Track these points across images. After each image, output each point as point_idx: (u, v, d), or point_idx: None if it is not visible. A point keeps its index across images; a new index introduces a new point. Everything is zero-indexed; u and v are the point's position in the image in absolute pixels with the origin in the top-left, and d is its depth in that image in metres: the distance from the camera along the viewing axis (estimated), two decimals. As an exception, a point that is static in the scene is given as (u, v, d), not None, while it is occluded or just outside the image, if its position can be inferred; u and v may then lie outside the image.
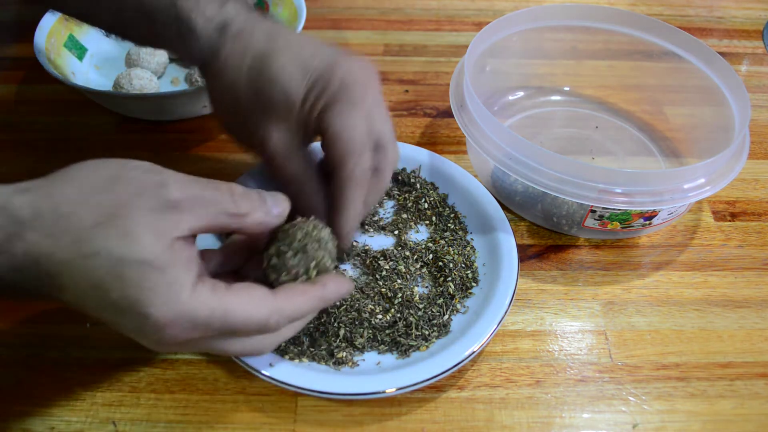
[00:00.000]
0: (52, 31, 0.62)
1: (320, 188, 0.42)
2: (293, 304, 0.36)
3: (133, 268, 0.30)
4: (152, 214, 0.32)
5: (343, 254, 0.42)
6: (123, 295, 0.31)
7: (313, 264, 0.38)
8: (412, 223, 0.51)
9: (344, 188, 0.40)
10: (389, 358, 0.43)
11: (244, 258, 0.40)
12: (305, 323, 0.39)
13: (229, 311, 0.33)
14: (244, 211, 0.35)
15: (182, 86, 0.65)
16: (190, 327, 0.32)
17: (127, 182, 0.32)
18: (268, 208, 0.36)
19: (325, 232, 0.39)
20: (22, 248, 0.30)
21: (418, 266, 0.48)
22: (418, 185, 0.53)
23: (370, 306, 0.45)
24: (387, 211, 0.52)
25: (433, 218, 0.51)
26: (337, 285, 0.38)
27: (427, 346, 0.43)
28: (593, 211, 0.49)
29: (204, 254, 0.36)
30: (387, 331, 0.44)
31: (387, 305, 0.45)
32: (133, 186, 0.32)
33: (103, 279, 0.30)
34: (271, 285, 0.37)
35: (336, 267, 0.42)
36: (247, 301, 0.34)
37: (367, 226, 0.51)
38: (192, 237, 0.34)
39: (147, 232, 0.31)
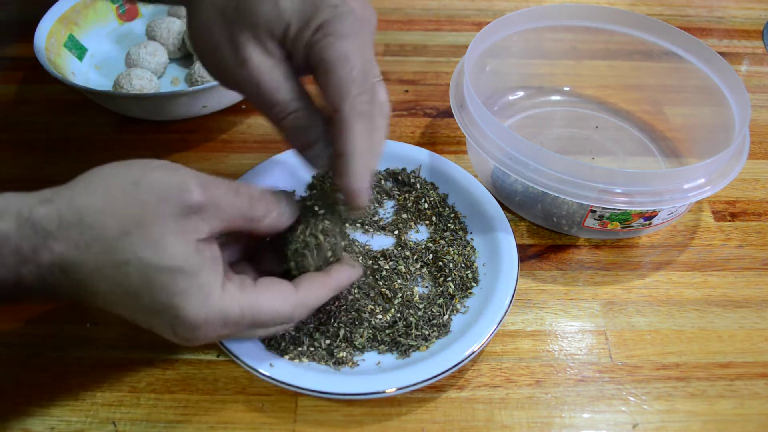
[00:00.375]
0: (52, 31, 0.62)
1: (318, 119, 0.36)
2: (314, 295, 0.38)
3: (163, 275, 0.31)
4: (176, 220, 0.32)
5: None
6: (156, 301, 0.32)
7: (329, 254, 0.40)
8: (412, 223, 0.51)
9: (348, 126, 0.34)
10: (389, 358, 0.43)
11: (257, 241, 0.41)
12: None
13: (257, 309, 0.34)
14: (259, 216, 0.36)
15: (182, 86, 0.65)
16: (221, 325, 0.34)
17: (149, 187, 0.32)
18: (281, 210, 0.37)
19: (330, 221, 0.40)
20: (48, 258, 0.31)
21: (418, 266, 0.48)
22: (418, 185, 0.53)
23: (370, 306, 0.45)
24: (387, 211, 0.52)
25: (433, 218, 0.51)
26: (348, 274, 0.40)
27: (427, 346, 0.43)
28: (593, 211, 0.49)
29: (222, 246, 0.37)
30: (387, 331, 0.44)
31: (387, 305, 0.45)
32: (156, 191, 0.32)
33: (135, 286, 0.32)
34: (291, 275, 0.40)
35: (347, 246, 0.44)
36: (274, 297, 0.36)
37: (367, 226, 0.51)
38: (212, 237, 0.35)
39: (173, 238, 0.32)
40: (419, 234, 0.51)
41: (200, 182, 0.33)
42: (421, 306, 0.45)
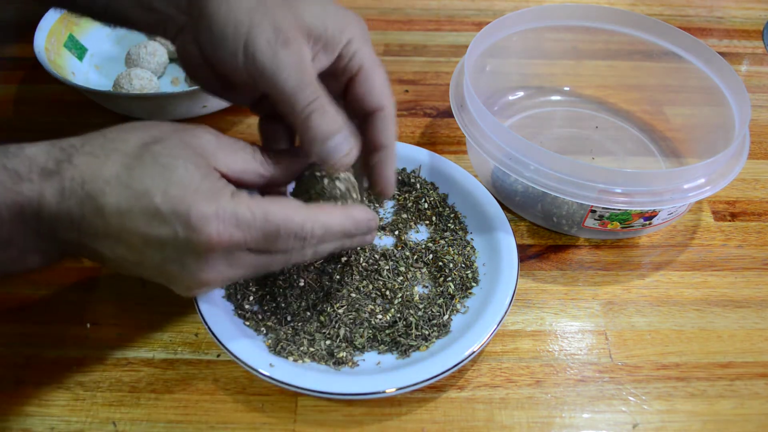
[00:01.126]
0: (52, 31, 0.62)
1: (340, 108, 0.38)
2: (326, 214, 0.36)
3: (178, 171, 0.33)
4: (194, 141, 0.35)
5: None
6: (167, 196, 0.32)
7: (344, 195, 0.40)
8: (412, 223, 0.51)
9: (389, 126, 0.40)
10: (389, 358, 0.43)
11: None
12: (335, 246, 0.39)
13: (268, 212, 0.34)
14: (272, 161, 0.38)
15: (182, 86, 0.65)
16: (233, 223, 0.33)
17: (171, 123, 0.36)
18: (291, 159, 0.39)
19: (352, 178, 0.40)
20: (70, 172, 0.33)
21: (419, 266, 0.48)
22: (418, 185, 0.53)
23: (370, 306, 0.45)
24: (387, 211, 0.52)
25: (433, 218, 0.51)
26: (364, 210, 0.39)
27: (427, 346, 0.43)
28: (593, 211, 0.49)
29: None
30: (387, 331, 0.44)
31: (387, 305, 0.45)
32: (178, 125, 0.36)
33: (148, 186, 0.32)
34: None
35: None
36: (284, 206, 0.35)
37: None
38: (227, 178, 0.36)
39: (189, 152, 0.34)
40: (419, 234, 0.51)
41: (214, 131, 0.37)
42: (421, 306, 0.45)
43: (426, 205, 0.52)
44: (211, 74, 0.40)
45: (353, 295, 0.45)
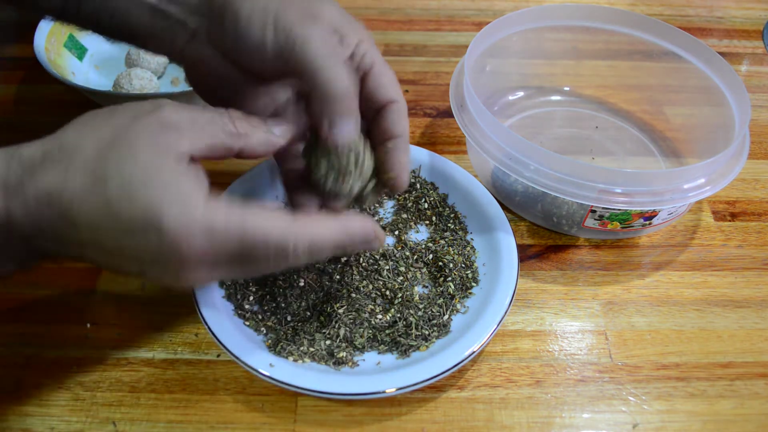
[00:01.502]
0: (52, 31, 0.62)
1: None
2: (315, 226, 0.34)
3: (141, 184, 0.31)
4: (151, 134, 0.32)
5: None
6: (134, 213, 0.31)
7: (368, 181, 0.39)
8: (412, 223, 0.51)
9: (402, 118, 0.40)
10: (389, 358, 0.43)
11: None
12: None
13: (246, 222, 0.32)
14: (244, 131, 0.35)
15: (182, 86, 0.65)
16: (206, 236, 0.31)
17: (122, 112, 0.33)
18: (268, 128, 0.36)
19: (362, 144, 0.39)
20: (34, 189, 0.31)
21: (419, 266, 0.48)
22: (418, 185, 0.53)
23: (370, 306, 0.45)
24: (387, 211, 0.52)
25: (433, 218, 0.51)
26: (362, 221, 0.36)
27: (427, 346, 0.43)
28: (593, 211, 0.49)
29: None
30: (387, 331, 0.44)
31: (387, 305, 0.45)
32: (129, 113, 0.33)
33: (113, 201, 0.31)
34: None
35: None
36: (264, 217, 0.33)
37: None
38: (194, 160, 0.34)
39: (149, 149, 0.31)
40: (419, 234, 0.51)
41: (174, 104, 0.34)
42: (421, 306, 0.45)
43: (426, 205, 0.52)
44: (223, 80, 0.39)
45: (353, 295, 0.45)
